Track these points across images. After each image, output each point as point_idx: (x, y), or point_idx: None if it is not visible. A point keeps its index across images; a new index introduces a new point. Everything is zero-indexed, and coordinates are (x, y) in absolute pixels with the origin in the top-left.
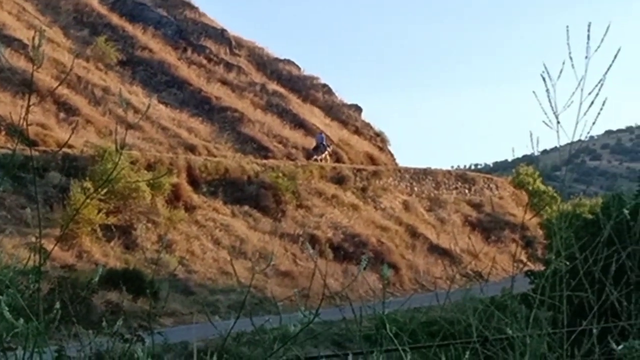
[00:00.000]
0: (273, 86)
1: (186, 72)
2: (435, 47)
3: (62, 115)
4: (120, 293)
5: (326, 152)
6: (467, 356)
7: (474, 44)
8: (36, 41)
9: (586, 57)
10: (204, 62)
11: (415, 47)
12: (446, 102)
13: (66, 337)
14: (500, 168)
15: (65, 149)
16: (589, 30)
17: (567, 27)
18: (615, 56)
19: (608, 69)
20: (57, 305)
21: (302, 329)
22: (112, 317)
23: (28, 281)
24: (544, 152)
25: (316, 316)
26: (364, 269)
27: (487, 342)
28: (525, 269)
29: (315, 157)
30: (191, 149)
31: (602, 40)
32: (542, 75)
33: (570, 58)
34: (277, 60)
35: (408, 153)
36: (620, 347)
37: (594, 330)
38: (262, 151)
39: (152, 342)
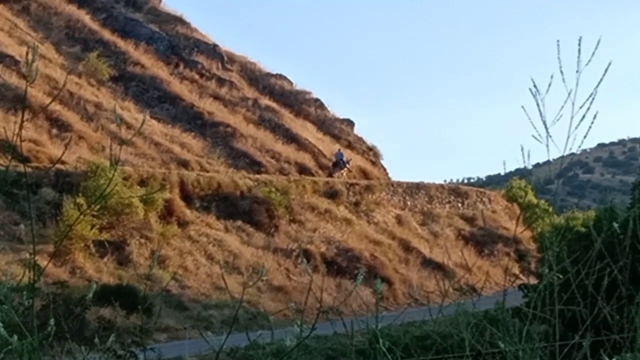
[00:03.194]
0: (265, 101)
1: (178, 87)
2: (427, 61)
3: (54, 131)
4: (114, 309)
5: (346, 168)
6: None
7: (465, 58)
8: (29, 57)
9: (577, 71)
10: (196, 77)
11: (407, 62)
12: (438, 116)
13: (59, 354)
14: (493, 182)
15: (58, 165)
16: (579, 45)
17: (558, 41)
18: (606, 70)
19: (599, 83)
20: (52, 321)
21: (298, 344)
22: (105, 333)
23: (22, 297)
24: (537, 165)
25: (313, 331)
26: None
27: (479, 356)
28: (519, 282)
29: (335, 173)
30: (184, 164)
31: (593, 54)
32: (530, 90)
33: (561, 72)
34: (269, 75)
35: (401, 167)
36: None
37: (585, 344)
38: (254, 166)
39: (145, 358)
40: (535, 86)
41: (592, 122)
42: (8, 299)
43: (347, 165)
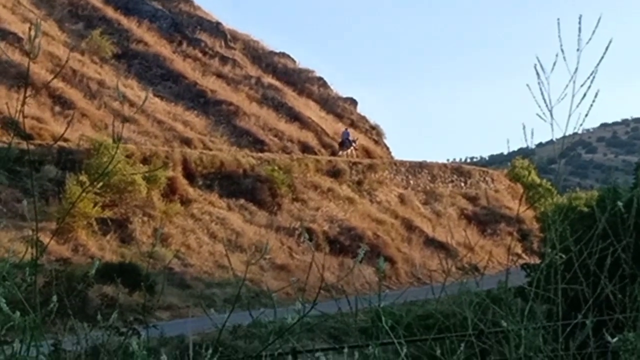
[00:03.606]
0: (268, 79)
1: (181, 65)
2: (430, 41)
3: (57, 108)
4: (116, 286)
5: (352, 147)
6: (462, 349)
7: (469, 37)
8: (32, 33)
9: (578, 50)
10: (199, 55)
11: (410, 41)
12: (442, 95)
13: (62, 331)
14: (497, 161)
15: (60, 143)
16: (580, 23)
17: (558, 19)
18: (607, 48)
19: (599, 61)
20: (54, 298)
21: (299, 320)
22: (108, 311)
23: (24, 274)
24: (540, 145)
25: (313, 307)
26: (360, 261)
27: (482, 335)
28: (521, 262)
29: (341, 152)
30: (187, 142)
31: (594, 32)
32: (535, 69)
33: (562, 51)
34: (272, 53)
35: (404, 146)
36: (615, 339)
37: (588, 323)
38: (257, 144)
39: (147, 335)
40: (540, 65)
41: (594, 101)
42: (10, 275)
43: (354, 144)
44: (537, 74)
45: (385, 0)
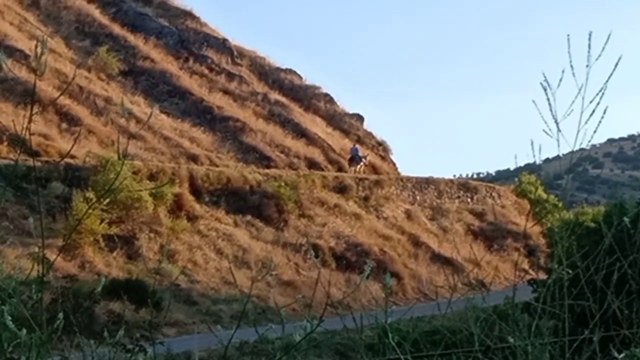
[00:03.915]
0: (275, 96)
1: (188, 81)
2: (437, 57)
3: (64, 125)
4: (123, 303)
5: (362, 163)
6: None
7: (475, 53)
8: (38, 50)
9: (587, 66)
10: (206, 71)
11: (416, 56)
12: (448, 111)
13: (69, 348)
14: (503, 177)
15: (67, 159)
16: (589, 39)
17: (568, 35)
18: (616, 65)
19: (609, 78)
20: (61, 315)
21: (305, 337)
22: (115, 327)
23: (31, 291)
24: (547, 160)
25: (320, 323)
26: (367, 277)
27: (489, 351)
28: (528, 277)
29: (351, 168)
30: (193, 158)
31: (603, 48)
32: (542, 85)
33: (571, 66)
34: (278, 69)
35: (410, 162)
36: (622, 355)
37: (595, 339)
38: (264, 161)
39: (154, 352)
40: (546, 80)
41: (602, 117)
42: (17, 292)
43: (364, 160)
44: (544, 89)
45: (391, 16)
